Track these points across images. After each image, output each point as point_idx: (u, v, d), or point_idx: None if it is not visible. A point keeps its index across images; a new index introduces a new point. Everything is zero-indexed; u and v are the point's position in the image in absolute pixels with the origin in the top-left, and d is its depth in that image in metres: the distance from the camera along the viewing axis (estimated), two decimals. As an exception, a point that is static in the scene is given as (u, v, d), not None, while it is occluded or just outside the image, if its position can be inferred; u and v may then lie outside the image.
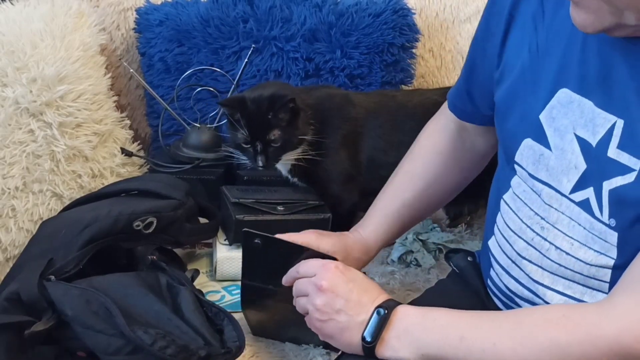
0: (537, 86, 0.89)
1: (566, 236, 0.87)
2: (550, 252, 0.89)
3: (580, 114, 0.84)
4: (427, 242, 1.43)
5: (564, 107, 0.86)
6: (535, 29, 0.90)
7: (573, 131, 0.85)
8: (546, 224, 0.90)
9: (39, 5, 1.43)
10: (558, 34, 0.87)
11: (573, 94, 0.85)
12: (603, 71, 0.82)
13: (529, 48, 0.91)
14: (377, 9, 1.55)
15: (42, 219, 1.26)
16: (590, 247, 0.85)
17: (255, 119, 1.30)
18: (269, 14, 1.55)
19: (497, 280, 0.99)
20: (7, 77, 1.29)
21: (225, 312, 1.03)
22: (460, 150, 1.14)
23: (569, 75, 0.86)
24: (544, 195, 0.90)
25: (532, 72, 0.90)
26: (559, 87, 0.86)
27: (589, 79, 0.83)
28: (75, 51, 1.38)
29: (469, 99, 1.07)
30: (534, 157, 0.90)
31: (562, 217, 0.88)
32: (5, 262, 1.25)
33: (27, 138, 1.29)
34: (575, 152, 0.85)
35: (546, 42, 0.89)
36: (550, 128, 0.87)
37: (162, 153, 1.53)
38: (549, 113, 0.88)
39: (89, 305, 0.96)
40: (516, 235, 0.94)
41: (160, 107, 1.55)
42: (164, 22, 1.55)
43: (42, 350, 0.97)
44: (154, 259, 1.14)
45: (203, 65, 1.55)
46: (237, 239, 1.28)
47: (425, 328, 0.86)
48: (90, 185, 1.37)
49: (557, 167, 0.87)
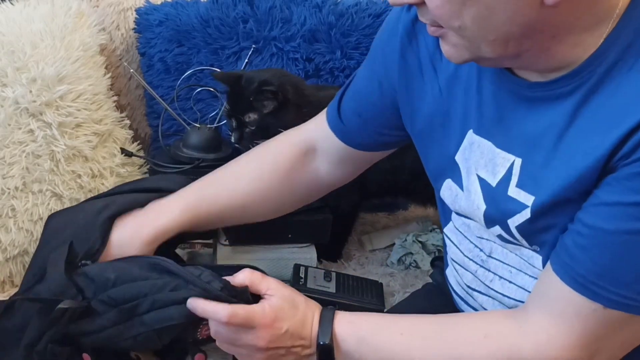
0: (448, 128, 0.90)
1: (503, 264, 0.89)
2: (494, 283, 0.91)
3: (481, 155, 0.85)
4: (427, 244, 1.43)
5: (467, 149, 0.87)
6: (435, 73, 0.91)
7: (475, 172, 0.86)
8: (484, 255, 0.91)
9: (39, 5, 1.43)
10: (456, 77, 0.88)
11: (474, 135, 0.86)
12: (498, 111, 0.83)
13: (432, 92, 0.91)
14: (377, 9, 1.55)
15: (42, 219, 1.26)
16: (525, 272, 0.87)
17: (238, 98, 1.33)
18: (269, 14, 1.55)
19: (462, 307, 1.00)
20: (7, 77, 1.29)
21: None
22: (299, 173, 1.11)
23: (470, 116, 0.87)
24: (474, 228, 0.91)
25: (441, 114, 0.91)
26: (467, 128, 0.88)
27: (487, 121, 0.85)
28: (75, 51, 1.38)
29: (359, 122, 1.05)
30: (451, 197, 0.92)
31: (494, 246, 0.89)
32: (5, 262, 1.25)
33: (26, 138, 1.29)
34: (477, 192, 0.86)
35: (447, 84, 0.89)
36: (464, 169, 0.89)
37: (162, 153, 1.53)
38: (462, 154, 0.89)
39: (131, 263, 0.98)
40: (463, 268, 0.96)
41: (160, 107, 1.55)
42: (164, 22, 1.55)
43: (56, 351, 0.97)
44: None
45: (203, 66, 1.55)
46: (237, 240, 1.28)
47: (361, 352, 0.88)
48: (90, 185, 1.37)
49: (466, 207, 0.89)
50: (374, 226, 1.58)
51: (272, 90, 1.30)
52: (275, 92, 1.30)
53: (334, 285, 1.25)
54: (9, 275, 1.27)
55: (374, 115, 1.02)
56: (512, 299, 0.89)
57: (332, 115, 1.07)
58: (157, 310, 0.95)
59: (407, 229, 1.50)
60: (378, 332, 0.88)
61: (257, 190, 1.09)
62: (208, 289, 0.92)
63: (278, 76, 1.36)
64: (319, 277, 1.26)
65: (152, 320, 0.95)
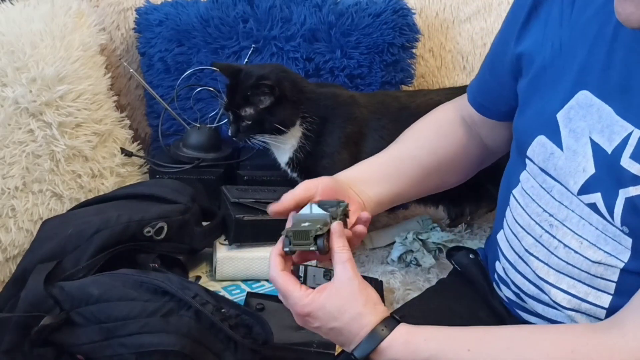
0: (557, 84, 0.88)
1: (575, 234, 0.87)
2: (559, 250, 0.88)
3: (599, 119, 0.83)
4: (427, 242, 1.43)
5: (583, 110, 0.85)
6: (560, 25, 0.88)
7: (589, 135, 0.84)
8: (555, 221, 0.89)
9: (39, 5, 1.43)
10: (583, 34, 0.86)
11: (594, 97, 0.84)
12: (626, 79, 0.80)
13: (552, 44, 0.89)
14: (377, 8, 1.55)
15: (42, 219, 1.26)
16: (600, 247, 0.84)
17: (236, 91, 1.34)
18: (269, 13, 1.55)
19: (503, 274, 0.98)
20: (7, 77, 1.29)
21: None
22: (469, 138, 1.10)
23: (591, 77, 0.84)
24: (555, 192, 0.89)
25: (553, 70, 0.89)
26: (580, 89, 0.85)
27: (612, 85, 0.82)
28: (75, 51, 1.38)
29: (488, 92, 1.05)
30: (544, 154, 0.89)
31: (571, 215, 0.87)
32: (5, 262, 1.25)
33: (26, 138, 1.29)
34: (587, 155, 0.84)
35: (570, 40, 0.87)
36: (566, 129, 0.86)
37: (162, 153, 1.53)
38: (566, 113, 0.86)
39: (115, 280, 0.99)
40: (525, 231, 0.93)
41: (160, 107, 1.55)
42: (164, 22, 1.55)
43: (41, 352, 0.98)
44: (155, 267, 1.13)
45: (203, 65, 1.55)
46: (237, 239, 1.28)
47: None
48: (90, 185, 1.37)
49: (565, 167, 0.86)
50: (375, 225, 1.57)
51: (269, 85, 1.30)
52: (272, 88, 1.31)
53: None
54: (9, 275, 1.27)
55: (501, 75, 1.00)
56: (577, 268, 0.86)
57: (473, 88, 1.08)
58: (144, 334, 0.96)
59: (408, 227, 1.50)
60: (440, 351, 0.84)
61: (453, 153, 1.09)
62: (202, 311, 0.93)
63: (277, 72, 1.36)
64: (319, 275, 1.26)
65: (134, 343, 0.96)
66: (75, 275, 1.05)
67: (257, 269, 1.29)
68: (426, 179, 1.10)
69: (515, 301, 0.98)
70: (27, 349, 0.97)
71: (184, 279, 1.09)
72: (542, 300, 0.92)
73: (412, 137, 1.11)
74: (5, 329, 0.98)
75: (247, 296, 1.20)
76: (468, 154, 1.11)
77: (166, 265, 1.16)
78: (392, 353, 0.84)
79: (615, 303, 0.84)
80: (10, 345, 0.97)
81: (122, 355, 0.97)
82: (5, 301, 1.07)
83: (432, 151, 1.09)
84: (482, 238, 1.48)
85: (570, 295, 0.88)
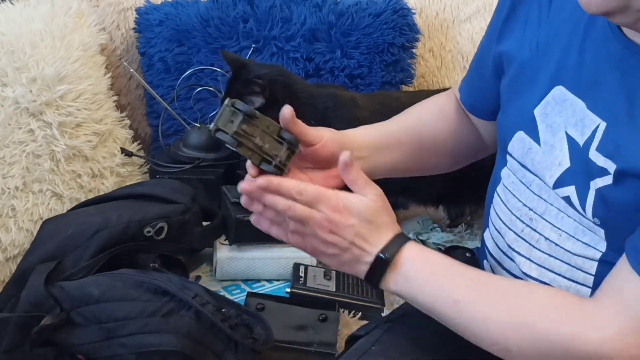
0: (535, 82, 0.90)
1: (554, 227, 0.89)
2: (540, 243, 0.90)
3: (573, 113, 0.85)
4: (427, 242, 1.43)
5: (558, 105, 0.87)
6: (539, 26, 0.91)
7: (564, 129, 0.86)
8: (534, 215, 0.91)
9: (39, 5, 1.43)
10: (559, 33, 0.89)
11: (568, 92, 0.86)
12: (596, 74, 0.83)
13: (530, 45, 0.92)
14: (377, 8, 1.55)
15: (42, 219, 1.26)
16: (578, 239, 0.86)
17: (235, 84, 1.33)
18: (269, 13, 1.55)
19: (490, 272, 0.99)
20: (7, 77, 1.29)
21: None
22: (468, 124, 1.11)
23: (565, 74, 0.87)
24: (535, 186, 0.91)
25: (531, 69, 0.91)
26: (555, 84, 0.88)
27: (583, 80, 0.85)
28: (75, 51, 1.38)
29: (476, 92, 1.07)
30: (522, 149, 0.92)
31: (550, 208, 0.89)
32: (5, 262, 1.25)
33: (27, 138, 1.29)
34: (564, 150, 0.86)
35: (547, 40, 0.90)
36: (543, 124, 0.89)
37: (162, 153, 1.53)
38: (543, 109, 0.89)
39: (115, 280, 0.99)
40: (506, 226, 0.95)
41: (160, 107, 1.55)
42: (164, 22, 1.55)
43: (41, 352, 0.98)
44: (156, 267, 1.13)
45: (203, 65, 1.55)
46: (237, 239, 1.28)
47: (424, 281, 0.86)
48: (90, 185, 1.37)
49: (542, 162, 0.89)
50: (375, 225, 1.57)
51: (260, 85, 1.30)
52: (263, 89, 1.30)
53: (334, 284, 1.25)
54: (9, 275, 1.27)
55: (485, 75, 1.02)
56: (559, 260, 0.88)
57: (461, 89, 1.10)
58: (144, 334, 0.96)
59: (408, 228, 1.50)
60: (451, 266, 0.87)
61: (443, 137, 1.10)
62: (202, 311, 0.93)
63: (273, 74, 1.36)
64: (319, 275, 1.26)
65: (134, 343, 0.96)
66: (75, 275, 1.05)
67: (258, 269, 1.29)
68: (425, 155, 1.10)
69: None
70: (27, 349, 0.97)
71: (184, 279, 1.09)
72: None
73: (415, 114, 1.12)
74: (6, 329, 0.98)
75: (247, 296, 1.20)
76: (466, 141, 1.12)
77: (166, 265, 1.16)
78: (412, 255, 0.86)
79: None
80: (11, 345, 0.97)
81: (122, 356, 0.97)
82: (6, 301, 1.07)
83: (434, 129, 1.10)
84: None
85: None
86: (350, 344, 0.98)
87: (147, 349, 0.96)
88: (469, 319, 0.83)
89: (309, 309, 1.16)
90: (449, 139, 1.10)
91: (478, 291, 0.85)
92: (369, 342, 0.95)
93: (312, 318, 1.14)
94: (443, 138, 1.10)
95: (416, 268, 0.86)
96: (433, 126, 1.10)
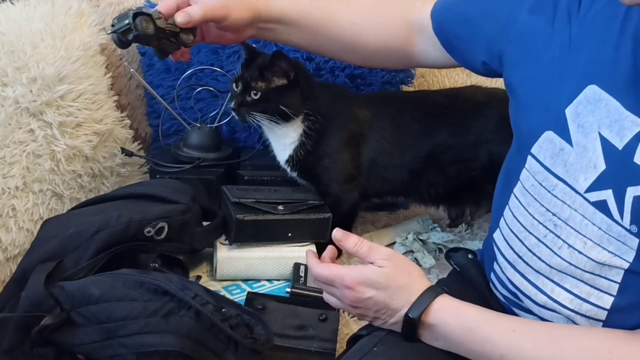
0: (565, 79, 0.87)
1: (579, 234, 0.86)
2: (562, 250, 0.88)
3: (607, 114, 0.82)
4: (428, 242, 1.43)
5: (591, 104, 0.84)
6: (569, 22, 0.88)
7: (598, 130, 0.83)
8: (559, 220, 0.89)
9: (39, 5, 1.43)
10: (591, 28, 0.85)
11: (602, 91, 0.83)
12: (635, 72, 0.80)
13: (561, 40, 0.89)
14: (377, 8, 1.55)
15: (42, 219, 1.26)
16: (604, 247, 0.84)
17: (252, 67, 1.34)
18: (270, 13, 1.54)
19: (501, 273, 0.98)
20: (7, 77, 1.29)
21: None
22: (403, 39, 1.15)
23: (599, 72, 0.83)
24: (558, 191, 0.88)
25: (561, 65, 0.88)
26: (587, 83, 0.84)
27: (620, 79, 0.81)
28: (75, 51, 1.38)
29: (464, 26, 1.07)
30: (552, 150, 0.88)
31: (574, 214, 0.87)
32: (5, 262, 1.24)
33: (27, 138, 1.29)
34: (597, 151, 0.83)
35: (579, 36, 0.87)
36: (574, 124, 0.85)
37: (163, 153, 1.53)
38: (574, 108, 0.85)
39: (116, 280, 0.99)
40: (527, 231, 0.93)
41: (160, 107, 1.55)
42: (164, 21, 1.55)
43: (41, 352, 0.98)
44: (156, 267, 1.13)
45: (203, 65, 1.55)
46: (237, 239, 1.28)
47: (462, 337, 0.88)
48: (90, 185, 1.37)
49: (576, 164, 0.85)
50: (375, 225, 1.58)
51: (287, 64, 1.31)
52: (289, 68, 1.31)
53: None
54: (9, 275, 1.27)
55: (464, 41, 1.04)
56: (580, 269, 0.87)
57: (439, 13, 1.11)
58: (145, 334, 0.96)
59: (408, 228, 1.50)
60: (487, 323, 0.88)
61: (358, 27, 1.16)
62: (202, 311, 0.95)
63: (296, 61, 1.37)
64: None
65: (135, 343, 0.96)
66: (75, 275, 1.05)
67: (258, 268, 1.29)
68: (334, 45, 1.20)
69: (513, 300, 0.98)
70: (27, 349, 0.97)
71: (184, 279, 1.09)
72: (538, 301, 0.92)
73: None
74: (6, 329, 0.98)
75: (247, 296, 1.20)
76: (388, 46, 1.17)
77: (167, 265, 1.16)
78: (443, 315, 0.89)
79: (617, 303, 0.84)
80: (11, 345, 0.97)
81: (122, 355, 0.97)
82: (6, 301, 1.07)
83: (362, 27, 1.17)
84: (482, 238, 1.48)
85: (573, 295, 0.88)
86: (352, 344, 0.98)
87: (147, 349, 0.96)
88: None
89: (309, 308, 1.16)
90: (371, 37, 1.16)
91: (523, 336, 0.86)
92: (371, 342, 0.95)
93: (312, 318, 1.14)
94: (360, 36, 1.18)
95: (447, 323, 0.89)
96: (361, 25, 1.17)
